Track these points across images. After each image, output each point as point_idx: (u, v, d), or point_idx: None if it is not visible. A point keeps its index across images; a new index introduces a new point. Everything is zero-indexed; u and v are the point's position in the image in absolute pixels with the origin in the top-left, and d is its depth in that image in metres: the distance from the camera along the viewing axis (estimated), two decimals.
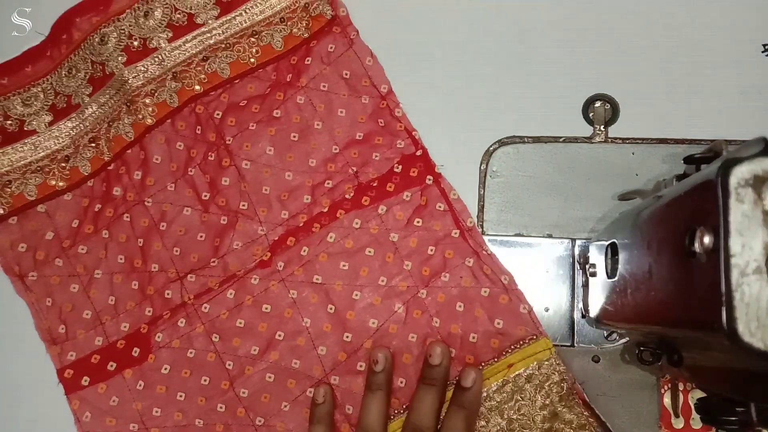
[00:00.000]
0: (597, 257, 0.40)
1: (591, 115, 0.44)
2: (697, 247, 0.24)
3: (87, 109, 0.47)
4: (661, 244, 0.29)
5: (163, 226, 0.46)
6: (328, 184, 0.45)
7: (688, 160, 0.35)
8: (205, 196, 0.46)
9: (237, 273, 0.45)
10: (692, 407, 0.40)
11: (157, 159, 0.46)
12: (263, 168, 0.45)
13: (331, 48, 0.46)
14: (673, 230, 0.28)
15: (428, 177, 0.44)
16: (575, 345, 0.42)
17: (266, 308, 0.44)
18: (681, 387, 0.40)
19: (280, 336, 0.44)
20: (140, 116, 0.46)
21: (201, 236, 0.45)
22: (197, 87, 0.46)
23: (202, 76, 0.46)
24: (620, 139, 0.44)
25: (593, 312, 0.41)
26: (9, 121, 0.48)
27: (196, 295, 0.45)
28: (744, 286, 0.22)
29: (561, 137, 0.44)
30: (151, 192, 0.46)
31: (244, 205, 0.45)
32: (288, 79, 0.46)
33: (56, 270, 0.46)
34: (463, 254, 0.43)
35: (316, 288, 0.44)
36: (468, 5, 0.47)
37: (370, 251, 0.44)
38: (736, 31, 0.44)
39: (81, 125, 0.47)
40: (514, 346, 0.41)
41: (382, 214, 0.44)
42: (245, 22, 0.46)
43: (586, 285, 0.42)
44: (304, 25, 0.46)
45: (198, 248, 0.45)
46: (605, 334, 0.42)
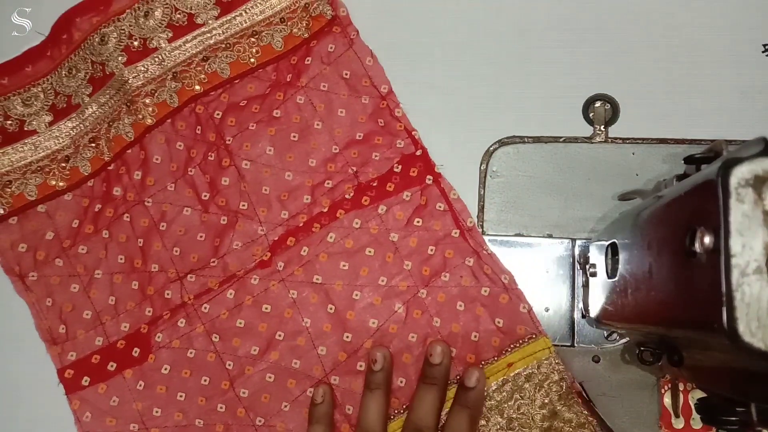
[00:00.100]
0: (597, 257, 0.40)
1: (591, 115, 0.44)
2: (697, 247, 0.24)
3: (87, 109, 0.47)
4: (662, 244, 0.29)
5: (163, 226, 0.46)
6: (328, 184, 0.45)
7: (688, 160, 0.35)
8: (205, 196, 0.46)
9: (237, 273, 0.45)
10: (692, 407, 0.40)
11: (157, 159, 0.46)
12: (263, 168, 0.45)
13: (331, 48, 0.46)
14: (674, 230, 0.28)
15: (428, 177, 0.44)
16: (575, 345, 0.42)
17: (266, 308, 0.44)
18: (681, 387, 0.40)
19: (280, 336, 0.44)
20: (140, 116, 0.46)
21: (201, 236, 0.45)
22: (197, 87, 0.46)
23: (202, 76, 0.46)
24: (620, 139, 0.44)
25: (593, 312, 0.41)
26: (9, 121, 0.48)
27: (196, 295, 0.45)
28: (744, 286, 0.22)
29: (561, 137, 0.44)
30: (151, 192, 0.46)
31: (244, 205, 0.45)
32: (288, 79, 0.46)
33: (56, 270, 0.46)
34: (463, 254, 0.43)
35: (316, 288, 0.44)
36: (468, 5, 0.47)
37: (370, 251, 0.44)
38: (736, 31, 0.44)
39: (81, 125, 0.47)
40: (513, 346, 0.41)
41: (382, 214, 0.44)
42: (245, 22, 0.46)
43: (586, 285, 0.42)
44: (304, 25, 0.46)
45: (198, 248, 0.45)
46: (605, 334, 0.42)
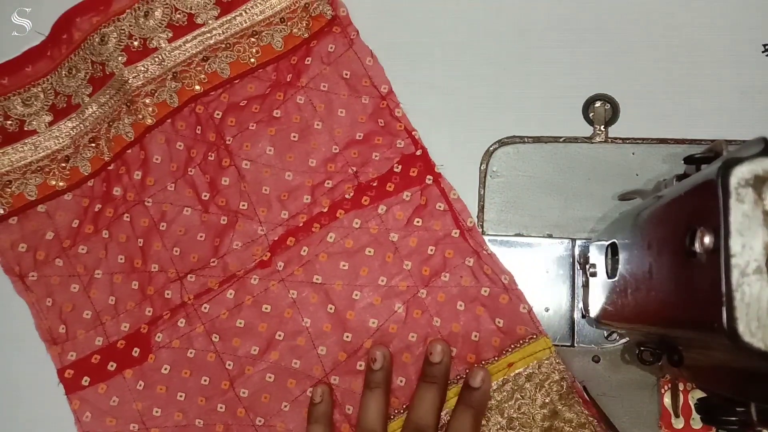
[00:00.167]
0: (597, 257, 0.40)
1: (591, 115, 0.44)
2: (697, 247, 0.24)
3: (87, 109, 0.47)
4: (662, 244, 0.29)
5: (163, 226, 0.46)
6: (328, 184, 0.45)
7: (688, 160, 0.35)
8: (205, 196, 0.46)
9: (237, 273, 0.45)
10: (692, 407, 0.40)
11: (157, 159, 0.46)
12: (263, 168, 0.45)
13: (331, 48, 0.46)
14: (674, 230, 0.28)
15: (428, 177, 0.44)
16: (575, 345, 0.42)
17: (266, 308, 0.44)
18: (681, 387, 0.40)
19: (280, 336, 0.44)
20: (140, 116, 0.46)
21: (201, 236, 0.45)
22: (197, 87, 0.46)
23: (202, 76, 0.46)
24: (620, 139, 0.44)
25: (593, 312, 0.41)
26: (9, 121, 0.48)
27: (196, 295, 0.45)
28: (744, 286, 0.22)
29: (561, 137, 0.44)
30: (151, 192, 0.46)
31: (244, 205, 0.45)
32: (288, 79, 0.46)
33: (56, 270, 0.46)
34: (463, 254, 0.43)
35: (316, 288, 0.44)
36: (468, 5, 0.47)
37: (370, 251, 0.44)
38: (736, 31, 0.44)
39: (81, 125, 0.47)
40: (514, 345, 0.41)
41: (382, 214, 0.44)
42: (245, 22, 0.46)
43: (586, 285, 0.42)
44: (304, 25, 0.46)
45: (198, 248, 0.45)
46: (605, 334, 0.42)
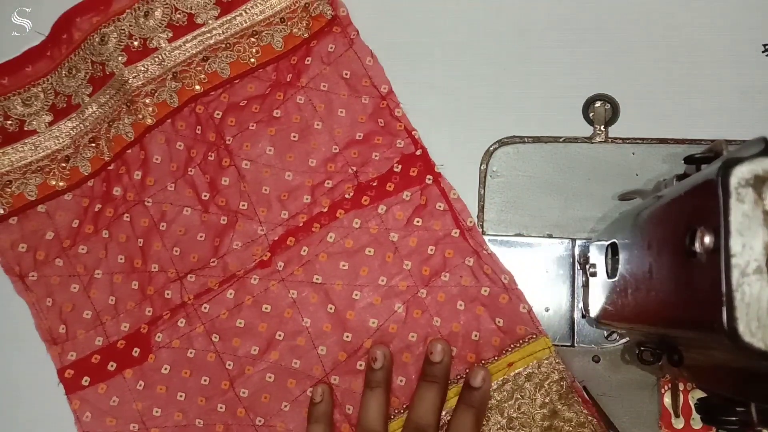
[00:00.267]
0: (597, 257, 0.40)
1: (591, 115, 0.44)
2: (697, 247, 0.24)
3: (87, 109, 0.47)
4: (662, 244, 0.29)
5: (163, 226, 0.46)
6: (328, 184, 0.45)
7: (688, 160, 0.35)
8: (205, 196, 0.46)
9: (237, 273, 0.45)
10: (692, 407, 0.40)
11: (157, 159, 0.46)
12: (263, 168, 0.45)
13: (331, 48, 0.46)
14: (674, 230, 0.28)
15: (428, 177, 0.44)
16: (575, 345, 0.42)
17: (266, 308, 0.44)
18: (681, 387, 0.40)
19: (280, 336, 0.44)
20: (140, 116, 0.46)
21: (201, 236, 0.45)
22: (197, 87, 0.46)
23: (202, 76, 0.46)
24: (620, 139, 0.44)
25: (593, 312, 0.41)
26: (9, 121, 0.48)
27: (196, 295, 0.45)
28: (744, 286, 0.22)
29: (561, 137, 0.44)
30: (151, 192, 0.46)
31: (244, 205, 0.45)
32: (288, 79, 0.46)
33: (56, 270, 0.46)
34: (463, 254, 0.43)
35: (316, 288, 0.44)
36: (468, 5, 0.47)
37: (369, 251, 0.44)
38: (736, 31, 0.44)
39: (81, 125, 0.47)
40: (514, 345, 0.41)
41: (382, 214, 0.44)
42: (245, 22, 0.46)
43: (586, 285, 0.42)
44: (304, 25, 0.46)
45: (198, 248, 0.45)
46: (605, 334, 0.42)
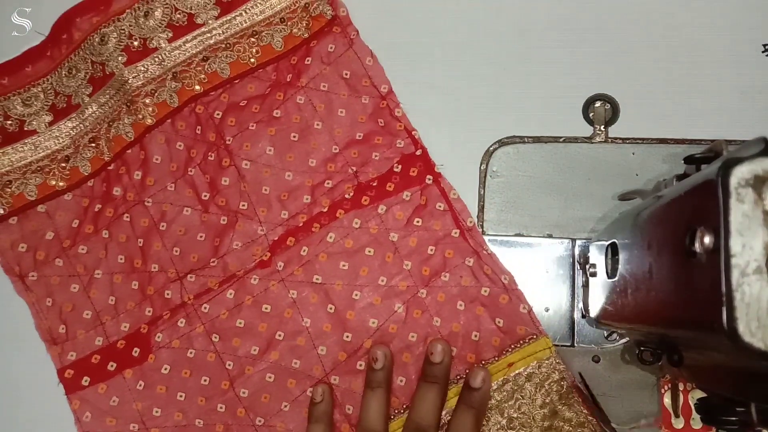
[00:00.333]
0: (597, 257, 0.40)
1: (591, 115, 0.44)
2: (697, 247, 0.24)
3: (87, 109, 0.47)
4: (662, 244, 0.29)
5: (163, 226, 0.46)
6: (328, 184, 0.45)
7: (688, 160, 0.35)
8: (205, 196, 0.46)
9: (237, 273, 0.45)
10: (692, 407, 0.40)
11: (157, 159, 0.46)
12: (263, 168, 0.45)
13: (331, 48, 0.46)
14: (674, 230, 0.28)
15: (428, 177, 0.44)
16: (575, 345, 0.42)
17: (266, 308, 0.44)
18: (681, 387, 0.40)
19: (280, 336, 0.44)
20: (140, 116, 0.46)
21: (201, 236, 0.45)
22: (197, 87, 0.46)
23: (202, 76, 0.46)
24: (620, 139, 0.44)
25: (593, 312, 0.41)
26: (9, 121, 0.48)
27: (195, 295, 0.45)
28: (744, 286, 0.22)
29: (561, 137, 0.44)
30: (151, 192, 0.46)
31: (244, 205, 0.45)
32: (288, 79, 0.46)
33: (56, 270, 0.46)
34: (463, 254, 0.43)
35: (316, 288, 0.44)
36: (468, 5, 0.47)
37: (369, 251, 0.44)
38: (736, 31, 0.44)
39: (81, 125, 0.47)
40: (514, 345, 0.41)
41: (382, 214, 0.44)
42: (245, 22, 0.46)
43: (586, 285, 0.42)
44: (304, 25, 0.46)
45: (198, 248, 0.45)
46: (605, 334, 0.42)
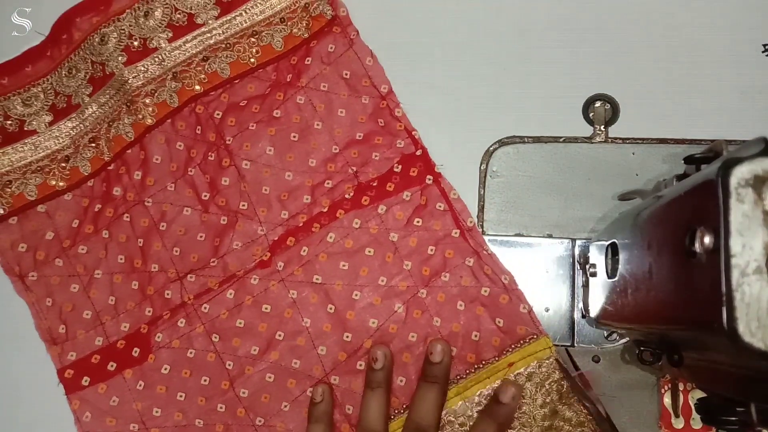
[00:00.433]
0: (597, 257, 0.40)
1: (591, 115, 0.44)
2: (697, 247, 0.24)
3: (87, 109, 0.47)
4: (661, 244, 0.29)
5: (163, 226, 0.46)
6: (328, 184, 0.45)
7: (688, 160, 0.35)
8: (205, 196, 0.46)
9: (237, 273, 0.45)
10: (692, 407, 0.40)
11: (157, 159, 0.46)
12: (263, 168, 0.45)
13: (331, 48, 0.46)
14: (673, 230, 0.28)
15: (428, 177, 0.44)
16: (575, 345, 0.42)
17: (266, 308, 0.44)
18: (681, 387, 0.40)
19: (280, 336, 0.44)
20: (140, 116, 0.46)
21: (201, 236, 0.45)
22: (197, 87, 0.46)
23: (202, 76, 0.46)
24: (620, 139, 0.44)
25: (593, 312, 0.41)
26: (9, 121, 0.48)
27: (195, 295, 0.45)
28: (744, 286, 0.22)
29: (561, 137, 0.44)
30: (151, 192, 0.46)
31: (244, 205, 0.45)
32: (288, 79, 0.46)
33: (56, 270, 0.46)
34: (464, 254, 0.43)
35: (316, 288, 0.44)
36: (468, 5, 0.46)
37: (369, 251, 0.44)
38: (736, 31, 0.44)
39: (81, 125, 0.47)
40: (514, 345, 0.41)
41: (382, 214, 0.44)
42: (245, 22, 0.46)
43: (586, 285, 0.42)
44: (304, 25, 0.46)
45: (198, 248, 0.45)
46: (605, 334, 0.42)
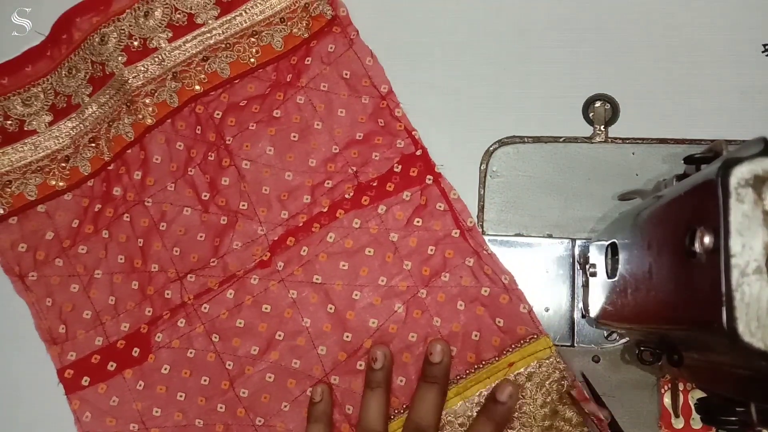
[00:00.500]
0: (597, 257, 0.40)
1: (591, 115, 0.44)
2: (697, 247, 0.24)
3: (87, 109, 0.47)
4: (661, 244, 0.29)
5: (163, 226, 0.46)
6: (328, 184, 0.45)
7: (688, 160, 0.35)
8: (205, 196, 0.46)
9: (237, 273, 0.45)
10: (692, 407, 0.40)
11: (157, 159, 0.46)
12: (263, 168, 0.45)
13: (331, 48, 0.46)
14: (673, 230, 0.28)
15: (428, 177, 0.44)
16: (575, 345, 0.42)
17: (266, 308, 0.44)
18: (681, 387, 0.40)
19: (280, 336, 0.44)
20: (140, 116, 0.46)
21: (201, 236, 0.45)
22: (197, 87, 0.46)
23: (202, 76, 0.46)
24: (620, 139, 0.44)
25: (593, 312, 0.41)
26: (9, 121, 0.48)
27: (195, 295, 0.45)
28: (744, 286, 0.22)
29: (561, 137, 0.44)
30: (151, 192, 0.46)
31: (243, 205, 0.45)
32: (288, 79, 0.46)
33: (56, 270, 0.46)
34: (464, 254, 0.43)
35: (315, 288, 0.44)
36: (468, 5, 0.47)
37: (369, 251, 0.44)
38: (736, 31, 0.44)
39: (81, 125, 0.47)
40: (514, 345, 0.41)
41: (382, 214, 0.44)
42: (245, 22, 0.46)
43: (586, 285, 0.42)
44: (304, 25, 0.46)
45: (198, 248, 0.45)
46: (605, 334, 0.42)
